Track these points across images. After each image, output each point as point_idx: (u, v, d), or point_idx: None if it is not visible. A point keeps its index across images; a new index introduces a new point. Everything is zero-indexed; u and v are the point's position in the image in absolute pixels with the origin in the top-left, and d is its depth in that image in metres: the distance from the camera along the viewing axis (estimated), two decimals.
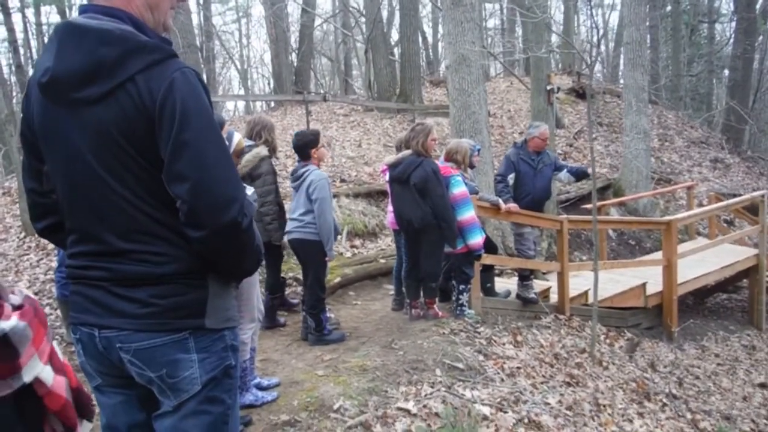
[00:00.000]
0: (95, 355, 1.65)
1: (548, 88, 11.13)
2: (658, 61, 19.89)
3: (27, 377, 1.56)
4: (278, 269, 5.56)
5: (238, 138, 3.29)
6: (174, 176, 1.51)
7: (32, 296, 1.69)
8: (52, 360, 1.67)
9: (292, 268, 6.76)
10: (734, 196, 11.61)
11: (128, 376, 1.65)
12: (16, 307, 1.63)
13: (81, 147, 1.56)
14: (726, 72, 22.72)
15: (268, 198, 4.97)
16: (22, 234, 7.96)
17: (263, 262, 4.78)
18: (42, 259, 7.33)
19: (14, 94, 18.88)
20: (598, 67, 25.90)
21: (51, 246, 7.31)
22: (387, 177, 6.00)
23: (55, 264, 6.15)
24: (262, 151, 4.97)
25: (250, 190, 3.08)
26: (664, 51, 22.56)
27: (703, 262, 8.53)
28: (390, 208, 5.98)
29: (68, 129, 1.57)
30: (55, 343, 1.75)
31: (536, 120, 9.36)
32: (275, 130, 5.36)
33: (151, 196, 1.56)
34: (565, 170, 6.37)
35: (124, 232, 1.57)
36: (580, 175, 6.44)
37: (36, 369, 1.58)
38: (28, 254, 7.49)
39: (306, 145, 4.82)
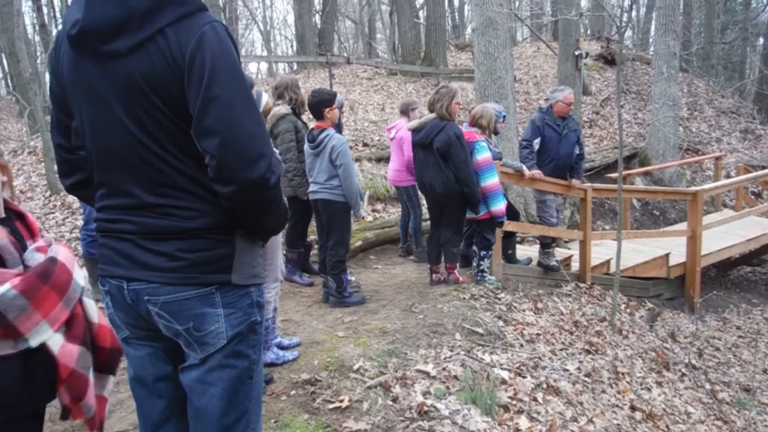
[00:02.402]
0: (124, 307, 1.67)
1: (576, 53, 10.91)
2: (690, 27, 19.31)
3: (33, 342, 1.52)
4: (299, 223, 5.58)
5: (266, 99, 3.29)
6: (203, 131, 1.50)
7: (57, 258, 1.62)
8: (70, 327, 1.61)
9: (312, 230, 6.77)
10: (764, 167, 11.36)
11: (156, 329, 1.67)
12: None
13: (110, 100, 1.55)
14: (761, 40, 22.03)
15: (288, 155, 5.17)
16: (48, 193, 8.08)
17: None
18: (67, 217, 7.44)
19: (38, 53, 18.95)
20: (628, 33, 25.25)
21: (76, 205, 7.40)
22: (391, 136, 6.44)
23: (80, 222, 6.23)
24: (281, 110, 5.21)
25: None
26: (697, 17, 21.88)
27: (728, 234, 8.41)
28: (391, 165, 6.45)
29: (97, 82, 1.56)
30: (90, 305, 1.69)
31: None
32: (299, 86, 5.49)
33: (180, 150, 1.56)
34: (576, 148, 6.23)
35: (152, 186, 1.58)
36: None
37: (44, 335, 1.52)
38: (53, 213, 7.61)
39: (320, 103, 4.76)
